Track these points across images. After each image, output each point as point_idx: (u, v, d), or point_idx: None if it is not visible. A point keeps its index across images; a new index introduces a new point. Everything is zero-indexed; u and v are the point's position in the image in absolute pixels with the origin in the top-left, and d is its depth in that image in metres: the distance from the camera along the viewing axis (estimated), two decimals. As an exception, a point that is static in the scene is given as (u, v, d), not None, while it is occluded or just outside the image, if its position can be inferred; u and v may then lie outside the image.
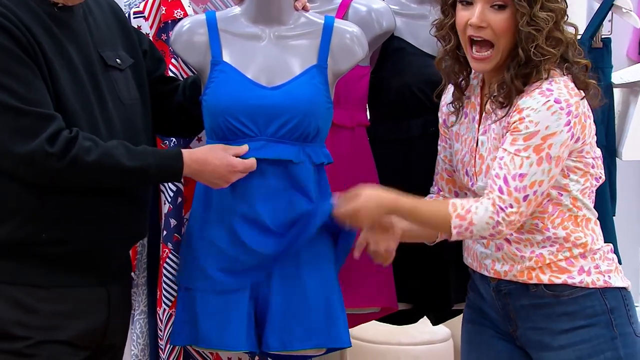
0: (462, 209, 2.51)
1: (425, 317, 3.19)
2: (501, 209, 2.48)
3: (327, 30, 2.69)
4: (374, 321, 3.10)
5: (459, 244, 2.82)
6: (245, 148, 2.57)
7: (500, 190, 2.48)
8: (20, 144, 2.30)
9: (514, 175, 2.48)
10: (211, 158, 2.53)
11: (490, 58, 2.54)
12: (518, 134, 2.48)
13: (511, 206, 2.48)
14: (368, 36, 2.83)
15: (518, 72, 2.51)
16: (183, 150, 2.53)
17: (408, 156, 3.01)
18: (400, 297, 3.01)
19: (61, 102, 2.36)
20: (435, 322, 3.23)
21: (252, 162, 2.58)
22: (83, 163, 2.35)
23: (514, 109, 2.51)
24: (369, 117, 3.04)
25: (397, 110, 3.00)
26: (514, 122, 2.49)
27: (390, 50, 3.02)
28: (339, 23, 2.72)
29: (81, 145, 2.33)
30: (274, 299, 2.64)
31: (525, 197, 2.48)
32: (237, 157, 2.56)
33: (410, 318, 3.18)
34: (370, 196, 2.57)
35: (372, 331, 2.88)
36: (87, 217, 2.46)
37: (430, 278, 3.04)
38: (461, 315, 2.96)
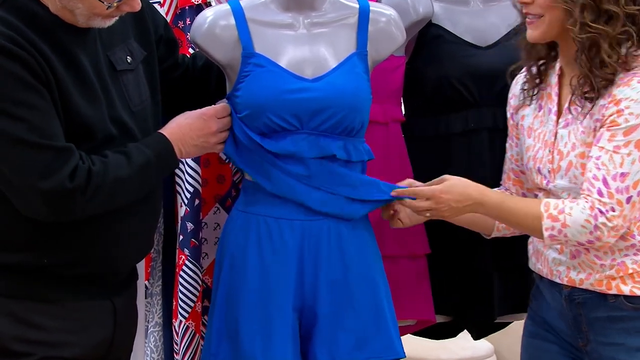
0: (555, 209, 2.40)
1: (465, 330, 3.14)
2: (601, 212, 2.35)
3: (364, 14, 2.63)
4: (409, 335, 3.03)
5: (504, 250, 2.79)
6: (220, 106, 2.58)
7: (600, 193, 2.36)
8: (41, 180, 2.26)
9: (615, 175, 2.34)
10: (180, 120, 2.53)
11: (537, 24, 2.44)
12: (616, 128, 2.35)
13: (613, 209, 2.35)
14: (403, 23, 2.76)
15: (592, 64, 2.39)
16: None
17: (447, 155, 2.94)
18: (438, 308, 2.95)
19: (75, 119, 2.33)
20: (476, 337, 3.15)
21: (221, 105, 2.55)
22: (105, 186, 2.33)
23: (610, 99, 2.37)
24: (403, 112, 2.98)
25: (435, 105, 2.91)
26: (611, 115, 2.36)
27: (427, 39, 2.95)
28: (374, 6, 2.67)
29: (97, 172, 2.32)
30: (321, 308, 2.57)
31: (629, 199, 2.35)
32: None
33: (449, 332, 3.13)
34: (455, 183, 2.50)
35: (407, 346, 2.87)
36: (91, 239, 2.41)
37: (472, 288, 2.97)
38: (505, 329, 2.98)
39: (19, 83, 2.23)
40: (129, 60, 2.48)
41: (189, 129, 2.50)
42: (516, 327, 2.90)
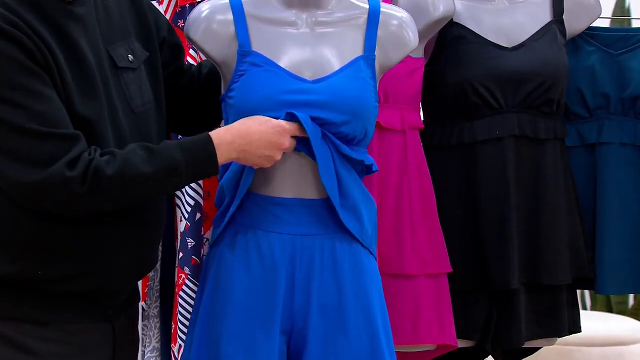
0: None
1: (490, 357, 3.02)
2: None
3: (374, 16, 2.53)
4: (428, 361, 2.92)
5: (531, 267, 2.77)
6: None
7: None
8: (36, 171, 2.20)
9: None
10: (254, 126, 2.39)
11: None
12: None
13: None
14: (422, 22, 2.73)
15: None
16: (215, 131, 2.38)
17: (470, 165, 2.86)
18: (460, 332, 2.86)
19: (73, 113, 2.26)
20: (502, 364, 3.07)
21: (298, 127, 2.43)
22: (104, 180, 2.23)
23: None
24: (423, 119, 2.91)
25: (457, 111, 2.83)
26: None
27: (448, 40, 2.88)
28: (386, 8, 2.56)
29: (99, 161, 2.24)
30: (311, 333, 2.47)
31: None
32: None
33: (472, 357, 3.02)
34: None
35: (426, 373, 2.78)
36: (91, 250, 2.33)
37: (497, 309, 2.89)
38: (534, 355, 2.85)
39: (18, 67, 2.18)
40: (130, 59, 2.40)
41: (259, 136, 2.38)
42: (546, 353, 2.79)
